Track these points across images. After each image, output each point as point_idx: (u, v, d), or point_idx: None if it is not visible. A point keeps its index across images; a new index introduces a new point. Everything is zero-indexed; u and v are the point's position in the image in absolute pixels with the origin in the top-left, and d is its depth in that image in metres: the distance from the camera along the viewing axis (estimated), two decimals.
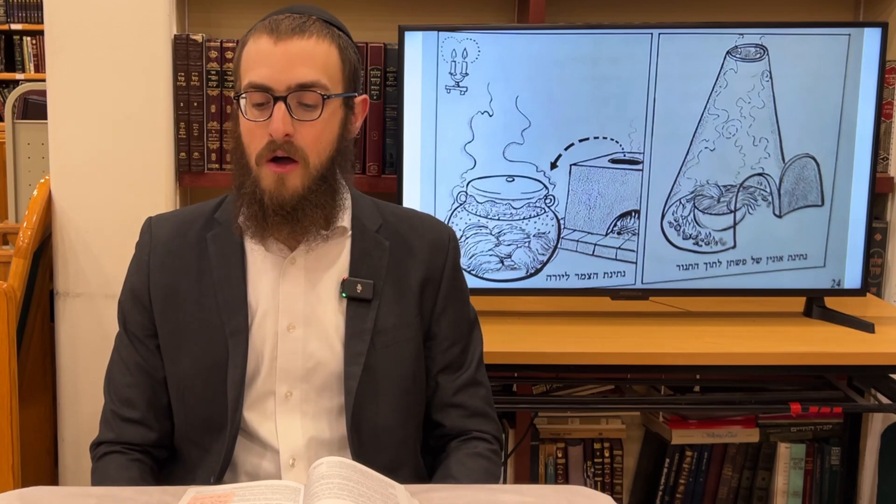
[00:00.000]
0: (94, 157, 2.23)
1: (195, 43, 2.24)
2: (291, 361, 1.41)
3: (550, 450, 2.53)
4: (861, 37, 2.10)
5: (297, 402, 1.42)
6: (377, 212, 1.49)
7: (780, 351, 1.99)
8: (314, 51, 1.34)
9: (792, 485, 2.53)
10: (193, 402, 1.43)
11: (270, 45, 1.33)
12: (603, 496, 1.26)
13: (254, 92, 1.34)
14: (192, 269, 1.44)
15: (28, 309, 2.21)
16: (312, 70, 1.33)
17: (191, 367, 1.42)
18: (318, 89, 1.34)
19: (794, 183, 2.14)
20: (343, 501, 1.09)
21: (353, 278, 1.42)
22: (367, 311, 1.42)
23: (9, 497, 1.24)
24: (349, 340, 1.41)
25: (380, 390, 1.42)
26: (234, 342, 1.40)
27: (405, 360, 1.44)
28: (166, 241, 1.46)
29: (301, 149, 1.34)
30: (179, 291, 1.44)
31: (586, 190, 2.13)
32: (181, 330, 1.43)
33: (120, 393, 1.45)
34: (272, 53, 1.33)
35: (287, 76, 1.32)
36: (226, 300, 1.41)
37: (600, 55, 2.09)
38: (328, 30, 1.37)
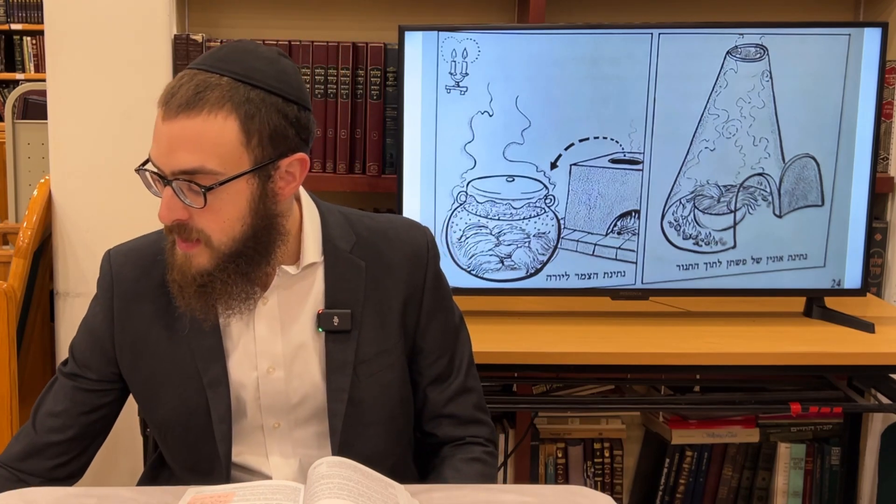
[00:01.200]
0: (94, 157, 2.23)
1: (195, 43, 2.24)
2: (276, 399, 1.37)
3: (550, 450, 2.53)
4: (861, 37, 2.09)
5: (286, 431, 1.39)
6: (349, 228, 1.40)
7: (780, 351, 1.99)
8: (200, 131, 1.20)
9: (792, 485, 2.53)
10: (176, 445, 1.40)
11: (160, 121, 1.23)
12: (603, 496, 1.26)
13: (148, 170, 1.25)
14: (160, 314, 1.36)
15: (28, 309, 2.21)
16: (195, 156, 1.20)
17: (169, 414, 1.38)
18: (199, 178, 1.20)
19: (795, 183, 2.13)
20: (343, 501, 1.09)
21: (329, 310, 1.35)
22: (347, 342, 1.36)
23: (9, 497, 1.24)
24: (331, 376, 1.36)
25: (366, 421, 1.38)
26: (215, 393, 1.35)
27: (391, 386, 1.39)
28: (128, 282, 1.38)
29: (200, 230, 1.24)
30: (148, 339, 1.37)
31: (586, 190, 2.13)
32: (154, 379, 1.37)
33: (45, 423, 1.41)
34: (160, 132, 1.23)
35: (170, 160, 1.22)
36: (200, 349, 1.35)
37: (600, 55, 2.09)
38: (231, 96, 1.21)
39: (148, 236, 1.43)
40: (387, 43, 2.27)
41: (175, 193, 1.22)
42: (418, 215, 2.12)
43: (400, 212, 2.14)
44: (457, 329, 1.47)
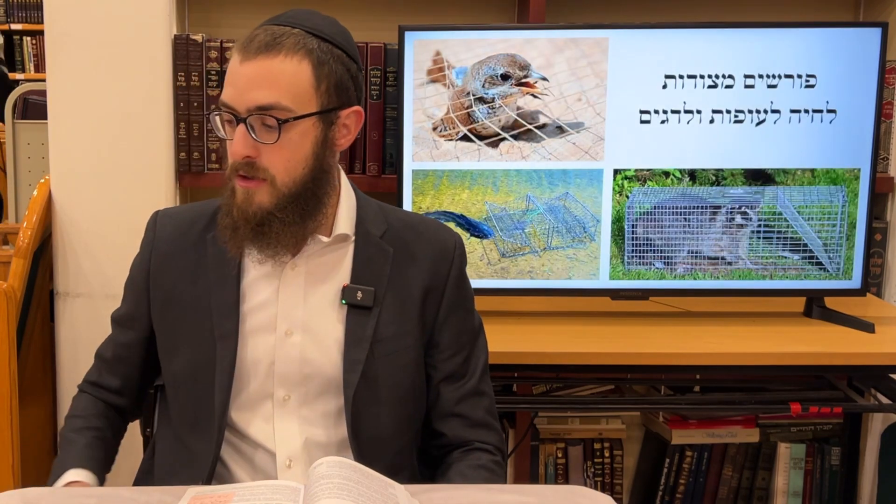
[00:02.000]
0: (94, 157, 2.23)
1: (195, 43, 2.24)
2: (289, 366, 1.40)
3: (550, 450, 2.53)
4: (861, 37, 2.10)
5: (294, 406, 1.41)
6: (382, 216, 1.47)
7: (780, 351, 1.99)
8: (278, 70, 1.29)
9: (792, 485, 2.53)
10: (184, 400, 1.44)
11: (237, 63, 1.30)
12: (603, 496, 1.26)
13: (221, 111, 1.33)
14: (190, 270, 1.44)
15: (28, 309, 2.21)
16: (271, 92, 1.29)
17: (182, 367, 1.43)
18: (275, 113, 1.29)
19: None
20: (343, 501, 1.09)
21: (354, 285, 1.40)
22: (367, 318, 1.40)
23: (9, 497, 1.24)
24: (348, 348, 1.40)
25: (378, 398, 1.41)
26: (223, 346, 1.40)
27: (404, 368, 1.43)
28: (168, 240, 1.47)
29: (265, 169, 1.32)
30: (176, 293, 1.44)
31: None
32: (176, 331, 1.44)
33: (114, 349, 1.54)
34: (237, 73, 1.30)
35: (246, 98, 1.29)
36: (217, 303, 1.41)
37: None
38: (305, 44, 1.31)
39: (198, 203, 1.52)
40: (387, 43, 2.27)
41: (248, 130, 1.30)
42: None
43: None
44: (475, 332, 1.50)
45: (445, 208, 2.15)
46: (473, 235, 2.15)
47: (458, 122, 2.12)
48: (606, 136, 2.11)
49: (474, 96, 2.11)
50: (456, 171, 2.13)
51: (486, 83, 2.10)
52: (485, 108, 2.11)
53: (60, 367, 2.28)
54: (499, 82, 2.10)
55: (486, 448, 1.46)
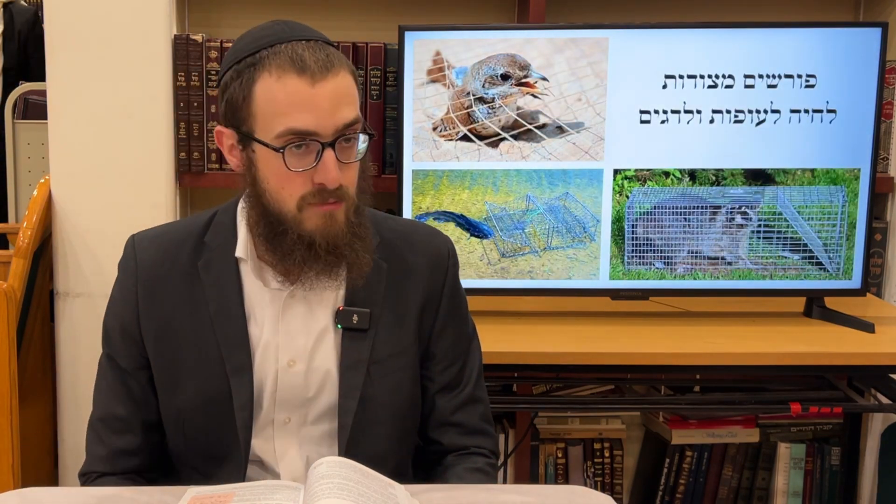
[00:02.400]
0: (94, 157, 2.23)
1: (195, 43, 2.24)
2: (292, 394, 1.38)
3: (550, 450, 2.53)
4: (861, 37, 2.10)
5: (294, 427, 1.39)
6: (374, 229, 1.40)
7: (780, 351, 1.99)
8: (348, 85, 1.25)
9: (792, 485, 2.53)
10: (193, 433, 1.39)
11: (306, 86, 1.21)
12: (603, 496, 1.26)
13: (298, 141, 1.23)
14: (185, 300, 1.37)
15: (28, 309, 2.21)
16: (352, 108, 1.25)
17: (190, 400, 1.37)
18: (358, 127, 1.26)
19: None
20: (343, 501, 1.09)
21: (349, 308, 1.37)
22: (363, 341, 1.37)
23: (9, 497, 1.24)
24: (345, 372, 1.37)
25: (375, 420, 1.38)
26: (238, 381, 1.35)
27: (402, 387, 1.40)
28: (152, 268, 1.38)
29: (346, 189, 1.28)
30: (173, 324, 1.37)
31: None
32: (177, 364, 1.37)
33: (111, 424, 1.40)
34: (312, 96, 1.22)
35: (333, 119, 1.23)
36: (225, 336, 1.35)
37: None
38: (339, 54, 1.27)
39: (174, 223, 1.45)
40: (387, 43, 2.27)
41: (335, 155, 1.24)
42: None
43: (400, 212, 2.14)
44: (469, 339, 1.48)
45: (445, 208, 2.15)
46: (473, 235, 2.15)
47: (458, 122, 2.12)
48: (606, 136, 2.12)
49: (474, 96, 2.11)
50: (456, 171, 2.13)
51: (486, 83, 2.10)
52: (485, 108, 2.11)
53: (60, 367, 2.28)
54: (499, 82, 2.10)
55: (481, 452, 1.45)
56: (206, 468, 1.39)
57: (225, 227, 1.38)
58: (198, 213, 1.43)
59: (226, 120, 1.29)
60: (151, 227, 1.45)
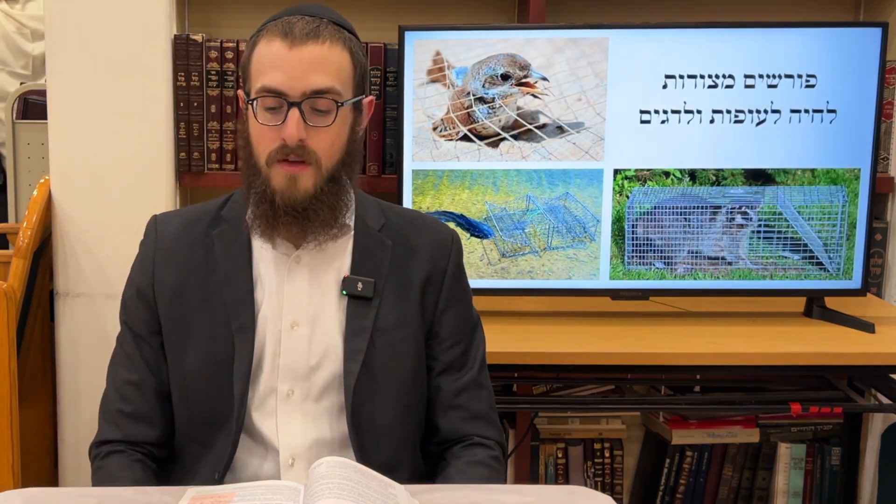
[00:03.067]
0: (94, 157, 2.23)
1: (195, 43, 2.24)
2: (295, 359, 1.41)
3: (550, 450, 2.53)
4: (861, 37, 2.10)
5: (298, 401, 1.41)
6: (380, 212, 1.49)
7: (780, 351, 1.99)
8: (328, 56, 1.34)
9: (792, 485, 2.53)
10: (197, 398, 1.43)
11: (285, 49, 1.32)
12: (603, 496, 1.26)
13: (267, 96, 1.33)
14: (198, 266, 1.44)
15: (28, 309, 2.21)
16: (327, 76, 1.33)
17: (196, 363, 1.42)
18: (332, 96, 1.34)
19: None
20: (343, 501, 1.09)
21: (354, 276, 1.42)
22: (368, 309, 1.42)
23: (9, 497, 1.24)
24: (349, 338, 1.41)
25: (379, 388, 1.41)
26: (241, 339, 1.40)
27: (405, 358, 1.44)
28: (171, 238, 1.46)
29: (313, 152, 1.35)
30: (185, 288, 1.43)
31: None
32: (187, 327, 1.43)
33: (124, 390, 1.45)
34: (287, 58, 1.32)
35: (302, 82, 1.32)
36: (232, 297, 1.41)
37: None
38: (340, 34, 1.36)
39: (194, 206, 1.52)
40: (387, 43, 2.27)
41: (301, 115, 1.32)
42: None
43: None
44: (474, 324, 1.52)
45: (445, 208, 2.15)
46: (473, 235, 2.15)
47: (458, 122, 2.12)
48: (606, 136, 2.12)
49: (474, 96, 2.11)
50: (456, 171, 2.13)
51: (486, 83, 2.10)
52: (485, 108, 2.11)
53: (60, 367, 2.28)
54: (499, 82, 2.10)
55: (485, 443, 1.46)
56: (204, 436, 1.42)
57: (240, 201, 1.45)
58: (219, 197, 1.51)
59: (241, 83, 1.41)
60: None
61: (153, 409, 1.45)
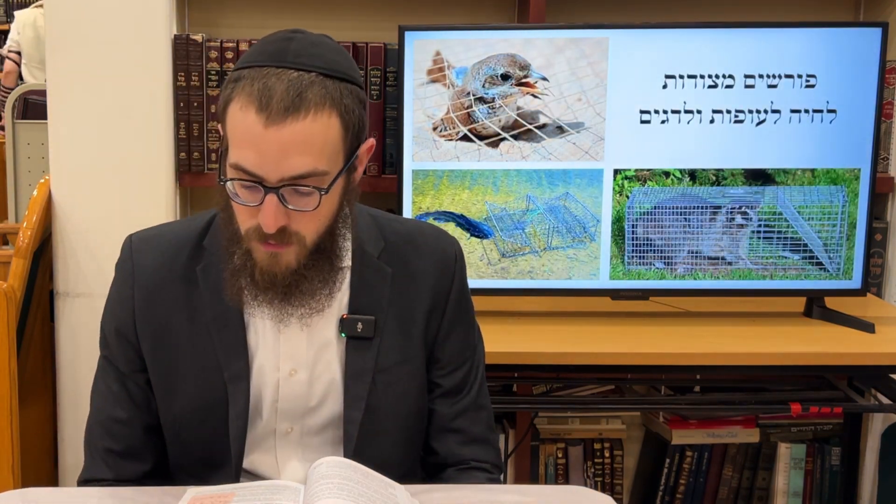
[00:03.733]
0: (94, 157, 2.23)
1: (195, 43, 2.24)
2: (294, 404, 1.35)
3: (550, 450, 2.53)
4: (861, 37, 2.10)
5: (297, 437, 1.37)
6: (378, 233, 1.38)
7: (780, 351, 1.99)
8: (310, 134, 1.15)
9: (792, 485, 2.53)
10: (190, 440, 1.36)
11: (259, 126, 1.14)
12: (603, 496, 1.26)
13: (242, 179, 1.17)
14: (183, 305, 1.33)
15: (28, 309, 2.21)
16: (309, 158, 1.16)
17: (186, 407, 1.34)
18: (314, 181, 1.17)
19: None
20: (343, 501, 1.09)
21: (353, 316, 1.33)
22: (368, 349, 1.34)
23: (9, 497, 1.24)
24: (349, 382, 1.33)
25: (381, 429, 1.35)
26: (235, 388, 1.32)
27: (408, 396, 1.37)
28: (150, 272, 1.35)
29: (297, 233, 1.22)
30: (170, 329, 1.33)
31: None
32: (174, 370, 1.34)
33: (111, 428, 1.36)
34: (262, 139, 1.14)
35: (280, 167, 1.15)
36: (223, 343, 1.32)
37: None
38: (326, 93, 1.17)
39: (172, 224, 1.42)
40: (387, 43, 2.27)
41: (280, 200, 1.17)
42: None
43: (400, 212, 2.14)
44: (475, 345, 1.45)
45: (445, 208, 2.15)
46: (473, 235, 2.15)
47: (458, 122, 2.12)
48: (606, 136, 2.12)
49: (474, 96, 2.11)
50: (456, 171, 2.13)
51: (486, 83, 2.10)
52: (485, 108, 2.11)
53: (60, 367, 2.28)
54: (499, 82, 2.10)
55: (482, 467, 1.41)
56: (203, 474, 1.36)
57: (225, 232, 1.32)
58: (197, 214, 1.41)
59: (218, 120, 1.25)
60: (149, 226, 1.42)
61: (144, 445, 1.37)
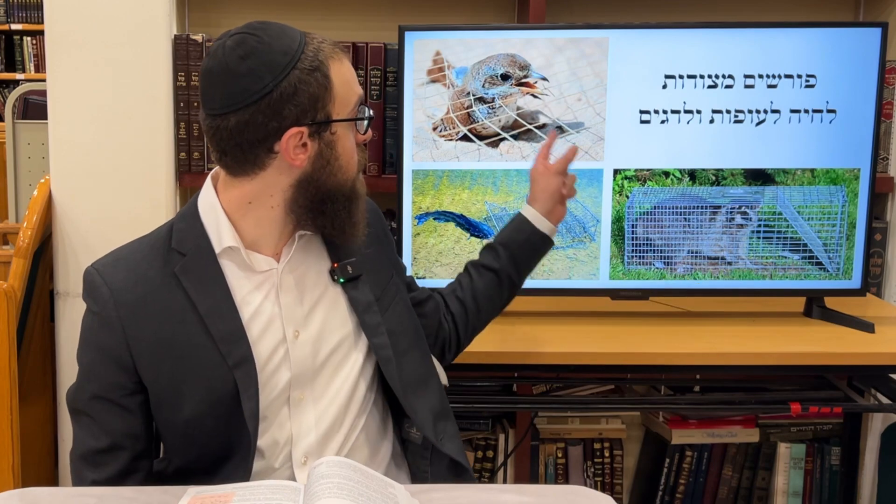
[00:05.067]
0: (94, 157, 2.23)
1: (195, 43, 2.24)
2: (304, 365, 1.40)
3: (550, 450, 2.53)
4: (861, 37, 2.10)
5: (309, 402, 1.41)
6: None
7: (780, 351, 1.99)
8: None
9: (792, 485, 2.53)
10: (203, 439, 1.38)
11: (349, 66, 1.38)
12: (603, 496, 1.26)
13: (362, 105, 1.40)
14: (169, 311, 1.36)
15: (28, 309, 2.21)
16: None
17: (197, 409, 1.36)
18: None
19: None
20: (343, 501, 1.09)
21: (341, 262, 1.45)
22: (362, 285, 1.47)
23: (9, 497, 1.24)
24: (362, 316, 1.45)
25: (402, 348, 1.49)
26: (242, 373, 1.35)
27: (405, 313, 1.54)
28: (129, 289, 1.37)
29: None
30: (166, 338, 1.36)
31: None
32: (178, 376, 1.36)
33: (94, 459, 1.39)
34: (353, 74, 1.39)
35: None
36: (220, 332, 1.35)
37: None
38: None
39: (126, 246, 1.43)
40: (387, 43, 2.27)
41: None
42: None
43: (400, 212, 2.14)
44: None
45: (445, 208, 2.15)
46: (473, 235, 2.15)
47: (458, 122, 2.12)
48: (606, 136, 2.12)
49: (474, 96, 2.11)
50: (456, 171, 2.13)
51: (486, 83, 2.10)
52: (485, 108, 2.11)
53: (60, 367, 2.28)
54: (499, 82, 2.10)
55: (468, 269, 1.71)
56: (214, 468, 1.39)
57: (192, 231, 1.38)
58: (146, 234, 1.43)
59: (296, 120, 1.31)
60: (101, 257, 1.42)
61: (133, 464, 1.40)
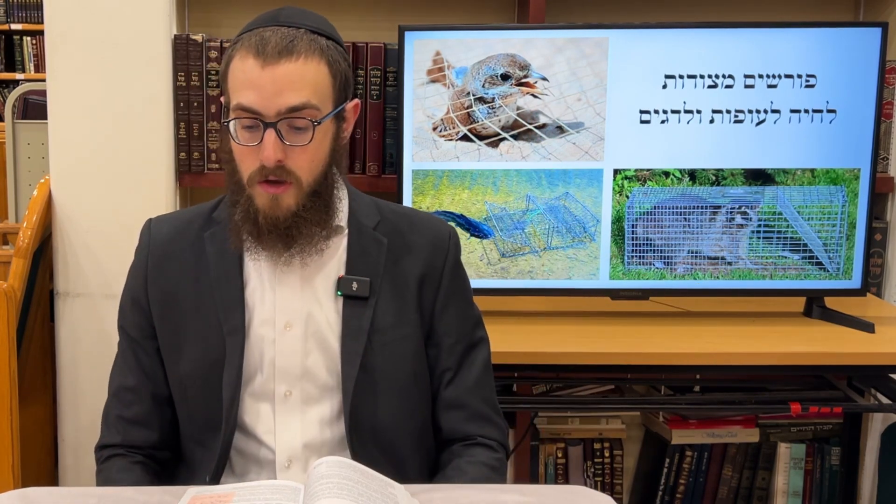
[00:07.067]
0: (94, 157, 2.23)
1: (195, 43, 2.24)
2: (290, 360, 1.41)
3: (550, 450, 2.53)
4: (861, 37, 2.10)
5: (296, 403, 1.41)
6: (376, 210, 1.47)
7: (780, 351, 1.99)
8: (303, 73, 1.31)
9: (792, 485, 2.53)
10: (194, 401, 1.43)
11: (257, 68, 1.29)
12: (603, 496, 1.26)
13: (243, 116, 1.31)
14: (190, 269, 1.44)
15: (28, 309, 2.21)
16: (302, 93, 1.31)
17: (190, 366, 1.42)
18: (307, 113, 1.31)
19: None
20: (343, 501, 1.09)
21: (349, 276, 1.41)
22: (364, 309, 1.40)
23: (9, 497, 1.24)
24: (346, 340, 1.40)
25: (378, 390, 1.40)
26: (231, 341, 1.40)
27: (404, 358, 1.42)
28: (164, 243, 1.46)
29: (293, 171, 1.34)
30: (178, 292, 1.43)
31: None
32: (180, 331, 1.43)
33: (122, 396, 1.46)
34: (259, 77, 1.29)
35: (276, 102, 1.30)
36: (223, 299, 1.41)
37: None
38: (316, 43, 1.33)
39: (189, 208, 1.52)
40: (387, 43, 2.27)
41: (278, 135, 1.31)
42: None
43: None
44: (476, 322, 1.50)
45: (445, 208, 2.15)
46: (473, 235, 2.15)
47: (458, 122, 2.12)
48: (606, 136, 2.12)
49: (474, 96, 2.11)
50: (456, 171, 2.13)
51: (486, 83, 2.10)
52: (485, 108, 2.11)
53: (60, 367, 2.28)
54: (499, 82, 2.10)
55: (487, 444, 1.45)
56: (203, 438, 1.43)
57: (227, 212, 1.43)
58: (213, 199, 1.51)
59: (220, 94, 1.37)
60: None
61: (151, 413, 1.45)
